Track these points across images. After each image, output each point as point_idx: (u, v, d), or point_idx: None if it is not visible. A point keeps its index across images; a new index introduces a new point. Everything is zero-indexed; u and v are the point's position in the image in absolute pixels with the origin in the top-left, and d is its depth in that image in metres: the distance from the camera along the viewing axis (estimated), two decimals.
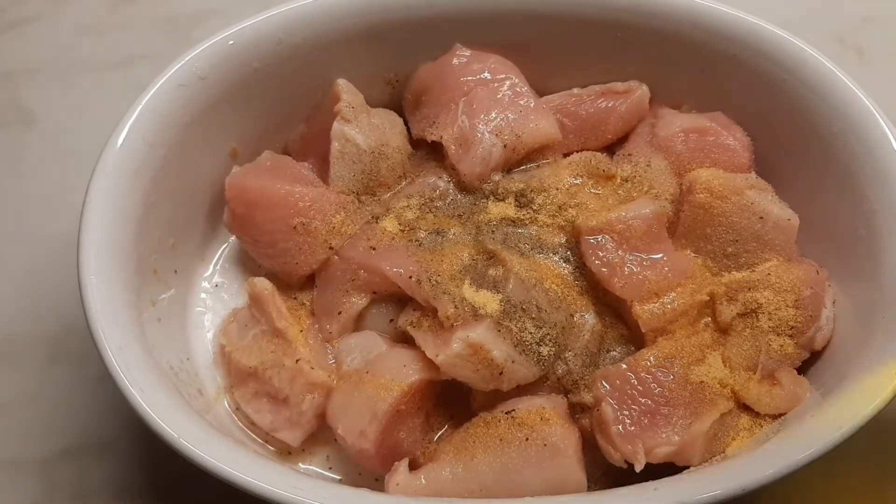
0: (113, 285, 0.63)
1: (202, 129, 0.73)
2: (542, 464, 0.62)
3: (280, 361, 0.68)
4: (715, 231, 0.72)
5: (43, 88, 0.99)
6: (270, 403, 0.69)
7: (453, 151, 0.75)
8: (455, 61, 0.78)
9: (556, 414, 0.65)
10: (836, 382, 0.65)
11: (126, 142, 0.67)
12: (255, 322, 0.71)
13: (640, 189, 0.76)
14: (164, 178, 0.70)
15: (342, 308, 0.71)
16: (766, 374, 0.68)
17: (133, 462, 0.76)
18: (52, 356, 0.81)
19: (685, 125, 0.77)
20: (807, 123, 0.73)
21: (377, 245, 0.72)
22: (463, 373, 0.64)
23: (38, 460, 0.76)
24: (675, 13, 0.75)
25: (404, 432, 0.66)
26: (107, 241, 0.64)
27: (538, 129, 0.76)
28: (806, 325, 0.68)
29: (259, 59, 0.74)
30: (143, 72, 1.00)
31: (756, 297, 0.69)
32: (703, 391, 0.66)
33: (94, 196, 0.64)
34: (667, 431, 0.64)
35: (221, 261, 0.80)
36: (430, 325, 0.67)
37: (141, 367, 0.60)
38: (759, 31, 0.74)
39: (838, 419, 0.58)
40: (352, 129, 0.75)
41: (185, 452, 0.57)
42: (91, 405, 0.78)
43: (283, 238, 0.72)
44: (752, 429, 0.66)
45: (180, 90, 0.70)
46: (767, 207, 0.71)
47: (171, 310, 0.73)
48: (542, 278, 0.70)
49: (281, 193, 0.72)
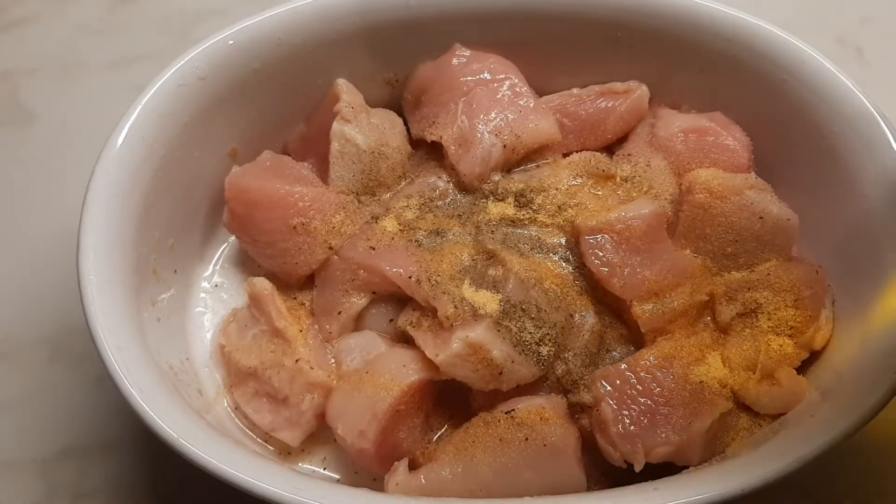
0: (112, 285, 0.63)
1: (202, 129, 0.73)
2: (541, 464, 0.62)
3: (279, 361, 0.68)
4: (714, 231, 0.72)
5: (42, 88, 0.99)
6: (270, 403, 0.69)
7: (453, 151, 0.75)
8: (455, 61, 0.78)
9: (555, 414, 0.65)
10: (835, 382, 0.65)
11: (126, 142, 0.67)
12: (254, 322, 0.71)
13: (639, 189, 0.76)
14: (163, 178, 0.70)
15: (342, 308, 0.71)
16: (766, 373, 0.68)
17: (132, 462, 0.76)
18: (51, 356, 0.81)
19: (685, 125, 0.77)
20: (806, 123, 0.73)
21: (377, 245, 0.72)
22: (462, 373, 0.64)
23: (37, 460, 0.76)
24: (674, 13, 0.75)
25: (404, 432, 0.66)
26: (106, 241, 0.64)
27: (538, 129, 0.76)
28: (805, 324, 0.69)
29: (259, 58, 0.74)
30: (142, 71, 0.99)
31: (755, 297, 0.70)
32: (702, 391, 0.66)
33: (94, 196, 0.64)
34: (666, 431, 0.64)
35: (221, 261, 0.80)
36: (429, 325, 0.67)
37: (140, 367, 0.60)
38: (758, 32, 0.74)
39: (837, 419, 0.59)
40: (351, 129, 0.75)
41: (185, 452, 0.56)
42: (90, 405, 0.78)
43: (282, 238, 0.72)
44: (751, 429, 0.66)
45: (180, 90, 0.70)
46: (767, 207, 0.71)
47: (171, 310, 0.73)
48: (542, 278, 0.70)
49: (280, 193, 0.72)
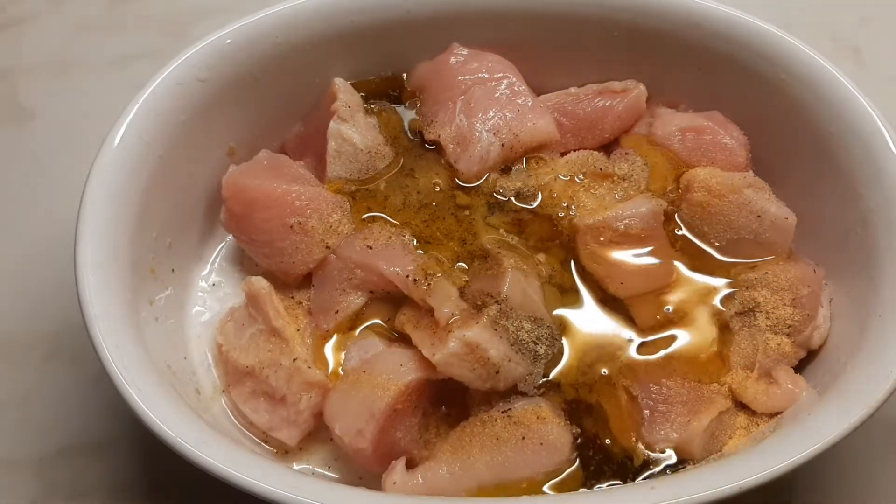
0: (110, 284, 0.63)
1: (199, 128, 0.73)
2: (538, 463, 0.62)
3: (277, 360, 0.68)
4: (713, 229, 0.72)
5: (40, 86, 0.99)
6: (267, 403, 0.69)
7: (451, 150, 0.75)
8: (453, 60, 0.78)
9: (552, 413, 0.65)
10: (832, 381, 0.65)
11: (123, 140, 0.67)
12: (252, 321, 0.71)
13: (637, 188, 0.76)
14: (161, 177, 0.69)
15: (339, 307, 0.71)
16: (764, 372, 0.68)
17: (130, 462, 0.75)
18: (48, 355, 0.81)
19: (682, 124, 0.77)
20: (804, 123, 0.73)
21: (374, 244, 0.72)
22: (459, 372, 0.64)
23: (34, 460, 0.76)
24: (672, 12, 0.75)
25: (401, 431, 0.66)
26: (104, 240, 0.64)
27: (536, 127, 0.76)
28: (803, 323, 0.69)
29: (257, 58, 0.74)
30: (140, 70, 0.99)
31: (753, 296, 0.70)
32: (701, 389, 0.66)
33: (91, 195, 0.64)
34: (665, 429, 0.64)
35: (219, 260, 0.80)
36: (426, 325, 0.67)
37: (138, 367, 0.60)
38: (756, 31, 0.74)
39: (835, 418, 0.59)
40: (348, 128, 0.75)
41: (183, 452, 0.56)
42: (87, 404, 0.78)
43: (279, 237, 0.71)
44: (748, 427, 0.66)
45: (178, 89, 0.70)
46: (765, 206, 0.71)
47: (169, 309, 0.72)
48: (539, 277, 0.70)
49: (278, 192, 0.72)
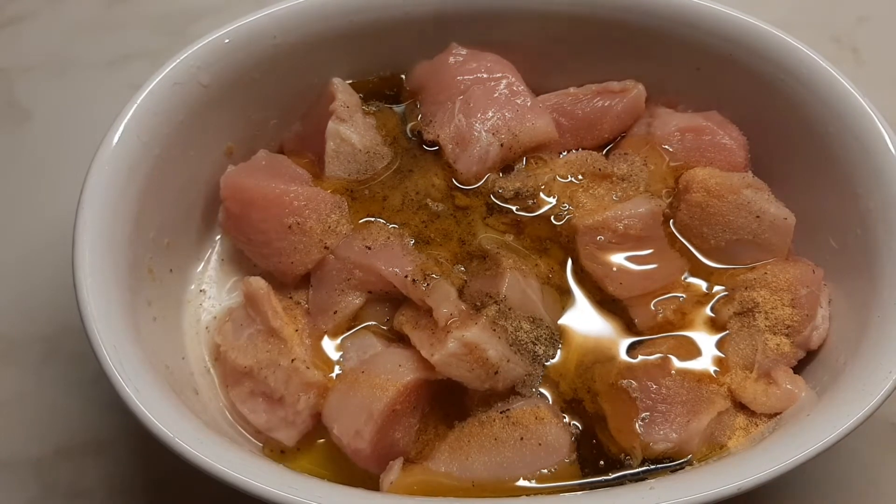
0: (108, 285, 0.62)
1: (197, 128, 0.73)
2: (537, 463, 0.62)
3: (275, 361, 0.68)
4: (712, 230, 0.72)
5: (38, 86, 0.99)
6: (266, 403, 0.68)
7: (450, 150, 0.75)
8: (451, 60, 0.78)
9: (551, 413, 0.65)
10: (831, 381, 0.65)
11: (121, 140, 0.66)
12: (250, 321, 0.71)
13: (636, 188, 0.76)
14: (159, 177, 0.69)
15: (338, 307, 0.71)
16: (763, 372, 0.68)
17: (128, 462, 0.75)
18: (46, 355, 0.81)
19: (681, 124, 0.77)
20: (803, 123, 0.73)
21: (373, 244, 0.71)
22: (458, 372, 0.64)
23: (32, 460, 0.76)
24: (671, 12, 0.75)
25: (400, 432, 0.66)
26: (102, 240, 0.63)
27: (535, 128, 0.76)
28: (802, 324, 0.69)
29: (255, 57, 0.73)
30: (138, 70, 0.99)
31: (752, 296, 0.70)
32: (700, 390, 0.66)
33: (89, 195, 0.64)
34: (664, 429, 0.64)
35: (217, 260, 0.80)
36: (425, 325, 0.67)
37: (136, 367, 0.60)
38: (755, 31, 0.74)
39: (834, 418, 0.59)
40: (347, 128, 0.75)
41: (181, 452, 0.56)
42: (86, 405, 0.78)
43: (277, 237, 0.71)
44: (748, 428, 0.66)
45: (176, 89, 0.70)
46: (764, 206, 0.71)
47: (167, 309, 0.72)
48: (538, 278, 0.70)
49: (276, 192, 0.71)
